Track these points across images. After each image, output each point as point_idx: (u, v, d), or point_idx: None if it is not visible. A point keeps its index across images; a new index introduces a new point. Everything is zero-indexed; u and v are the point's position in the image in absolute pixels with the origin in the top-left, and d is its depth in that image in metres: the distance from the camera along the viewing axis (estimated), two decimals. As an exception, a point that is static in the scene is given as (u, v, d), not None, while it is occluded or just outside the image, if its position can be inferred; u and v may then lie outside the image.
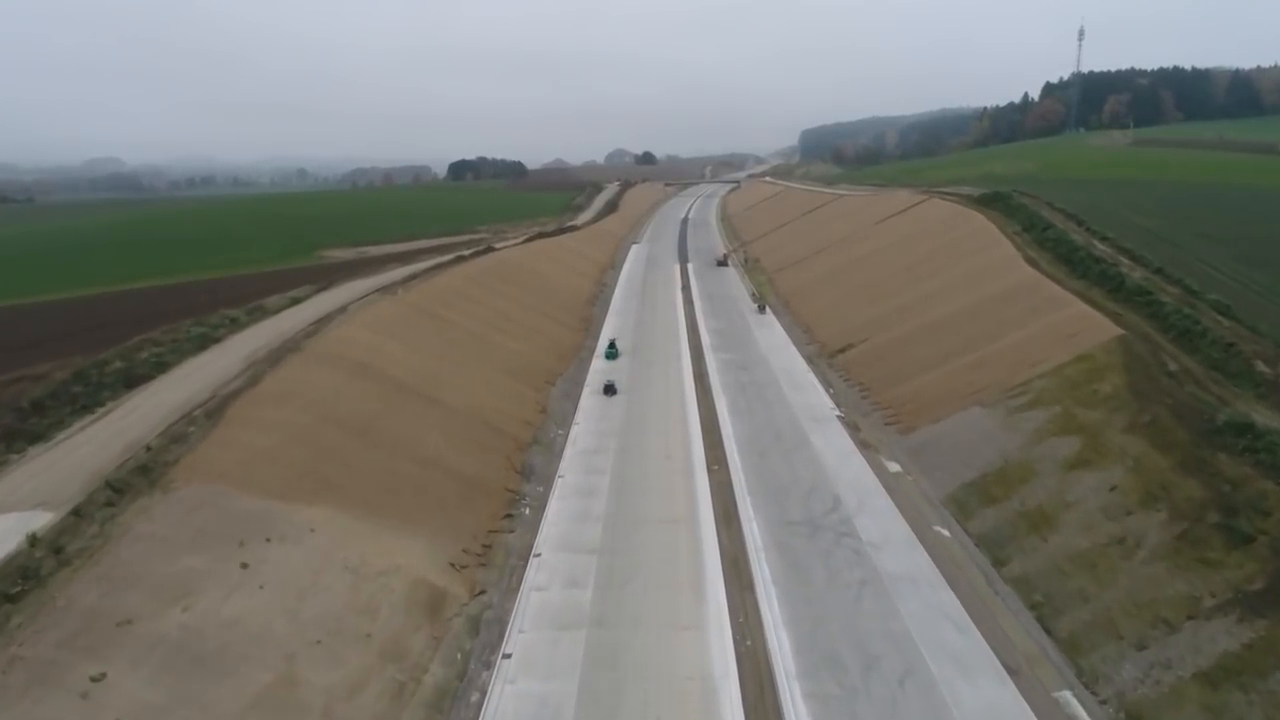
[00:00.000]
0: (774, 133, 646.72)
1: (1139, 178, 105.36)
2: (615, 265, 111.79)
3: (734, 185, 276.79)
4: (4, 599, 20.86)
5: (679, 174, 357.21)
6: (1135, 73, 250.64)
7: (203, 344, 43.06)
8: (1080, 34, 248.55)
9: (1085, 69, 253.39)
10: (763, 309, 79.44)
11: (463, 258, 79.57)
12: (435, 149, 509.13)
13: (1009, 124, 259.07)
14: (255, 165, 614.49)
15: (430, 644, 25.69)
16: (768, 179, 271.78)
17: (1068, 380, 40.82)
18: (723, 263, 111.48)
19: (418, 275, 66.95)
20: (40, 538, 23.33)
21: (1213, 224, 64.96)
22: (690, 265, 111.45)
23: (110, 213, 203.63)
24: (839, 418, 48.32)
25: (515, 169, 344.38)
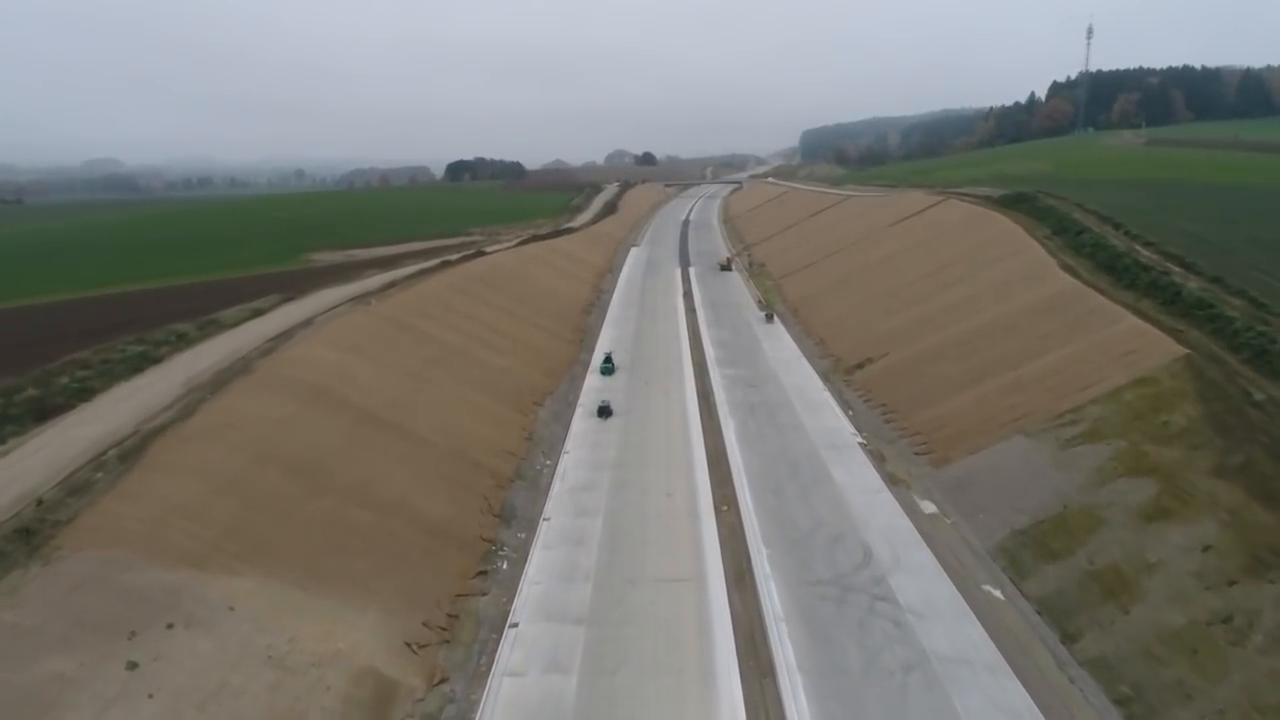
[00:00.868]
0: (774, 133, 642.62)
1: (1162, 178, 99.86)
2: (613, 270, 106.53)
3: (736, 186, 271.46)
4: None
5: (679, 175, 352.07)
6: (1144, 72, 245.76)
7: (139, 365, 37.69)
8: (1089, 32, 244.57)
9: (1092, 68, 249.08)
10: (770, 318, 74.25)
11: (448, 263, 74.12)
12: (435, 149, 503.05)
13: (1015, 124, 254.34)
14: (254, 166, 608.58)
15: (371, 760, 20.46)
16: (771, 180, 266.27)
17: (1128, 408, 35.63)
18: (726, 267, 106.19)
19: (397, 283, 61.62)
20: None
21: (1262, 228, 59.68)
22: (692, 270, 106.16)
23: (97, 214, 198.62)
24: (861, 445, 43.07)
25: (513, 169, 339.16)
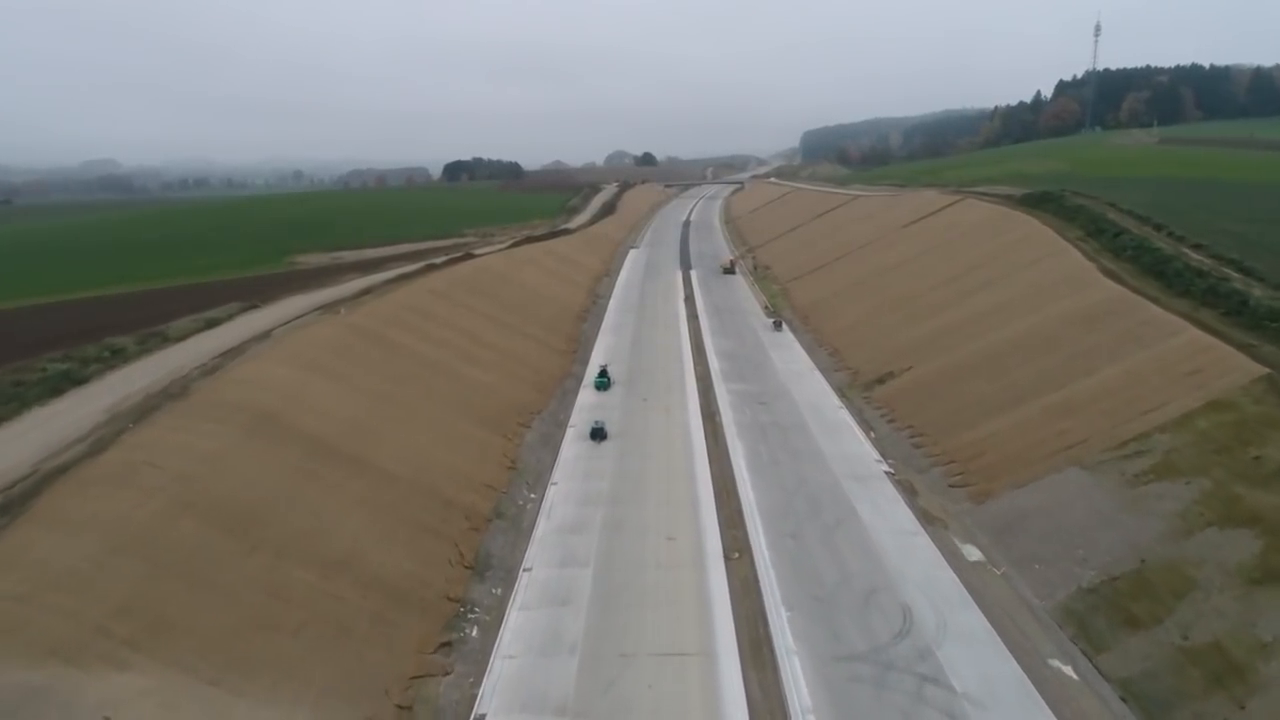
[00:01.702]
0: (775, 134, 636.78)
1: (1187, 176, 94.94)
2: (611, 273, 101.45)
3: (738, 186, 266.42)
4: None
5: (679, 175, 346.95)
6: (1153, 70, 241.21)
7: (59, 387, 32.58)
8: (1096, 30, 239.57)
9: (1099, 67, 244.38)
10: (779, 325, 69.26)
11: (433, 266, 68.92)
12: (434, 150, 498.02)
13: (1021, 123, 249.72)
14: (253, 167, 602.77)
15: None
16: (773, 180, 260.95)
17: (1205, 438, 30.64)
18: (729, 270, 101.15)
19: (374, 288, 56.48)
20: None
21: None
22: (694, 273, 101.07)
23: (86, 215, 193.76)
24: (888, 475, 38.05)
25: (511, 170, 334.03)
